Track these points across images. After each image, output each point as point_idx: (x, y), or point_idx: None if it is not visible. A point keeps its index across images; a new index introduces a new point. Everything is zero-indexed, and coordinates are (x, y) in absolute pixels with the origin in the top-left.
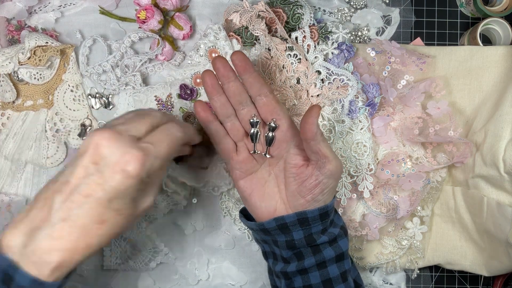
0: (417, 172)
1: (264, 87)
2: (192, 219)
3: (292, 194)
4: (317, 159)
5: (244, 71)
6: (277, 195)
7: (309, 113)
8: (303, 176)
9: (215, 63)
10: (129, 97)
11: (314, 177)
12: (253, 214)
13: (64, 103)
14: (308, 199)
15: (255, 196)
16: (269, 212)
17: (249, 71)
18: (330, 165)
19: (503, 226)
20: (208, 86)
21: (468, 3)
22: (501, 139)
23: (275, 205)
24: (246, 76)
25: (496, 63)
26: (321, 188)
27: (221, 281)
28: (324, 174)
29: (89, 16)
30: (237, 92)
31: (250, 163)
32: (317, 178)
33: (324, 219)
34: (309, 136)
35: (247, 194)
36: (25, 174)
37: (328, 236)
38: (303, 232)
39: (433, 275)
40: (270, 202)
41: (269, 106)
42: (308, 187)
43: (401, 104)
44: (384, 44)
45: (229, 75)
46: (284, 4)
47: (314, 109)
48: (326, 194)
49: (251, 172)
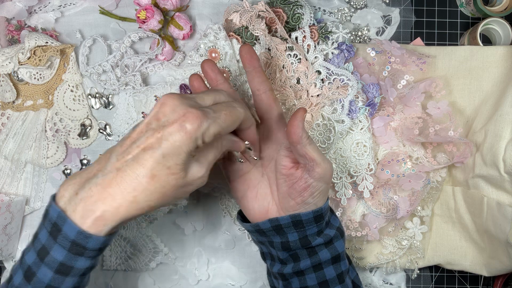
0: (417, 172)
1: (264, 84)
2: (192, 219)
3: (283, 196)
4: (305, 162)
5: (249, 64)
6: (269, 196)
7: (294, 116)
8: (293, 179)
9: (203, 66)
10: (129, 97)
11: (304, 180)
12: (246, 214)
13: (64, 103)
14: (298, 201)
15: (248, 196)
16: (261, 213)
17: (254, 65)
18: (319, 168)
19: (503, 226)
20: (195, 89)
21: (468, 3)
22: (501, 139)
23: (267, 206)
24: (250, 69)
25: (496, 63)
26: (311, 191)
27: (221, 281)
28: (313, 177)
29: (89, 16)
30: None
31: (242, 163)
32: (307, 181)
33: (318, 221)
34: (294, 140)
35: (241, 194)
36: (25, 174)
37: (323, 238)
38: (298, 234)
39: (433, 275)
40: (262, 202)
41: (265, 104)
42: (297, 189)
43: (401, 104)
44: (384, 44)
45: (217, 78)
46: (284, 4)
47: (299, 112)
48: (317, 197)
49: (244, 173)
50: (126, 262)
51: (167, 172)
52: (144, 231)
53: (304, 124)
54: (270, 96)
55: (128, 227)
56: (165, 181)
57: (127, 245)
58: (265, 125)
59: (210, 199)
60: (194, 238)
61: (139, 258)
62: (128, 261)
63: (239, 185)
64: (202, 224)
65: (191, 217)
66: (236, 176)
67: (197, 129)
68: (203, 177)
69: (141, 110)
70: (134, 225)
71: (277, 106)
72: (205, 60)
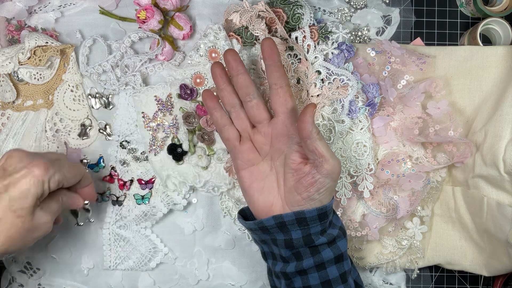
0: (417, 172)
1: (282, 79)
2: (192, 219)
3: (289, 190)
4: (314, 158)
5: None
6: (275, 190)
7: (304, 111)
8: (301, 173)
9: (226, 55)
10: (129, 97)
11: (311, 175)
12: (250, 206)
13: (64, 103)
14: (304, 196)
15: (254, 188)
16: (265, 207)
17: (274, 59)
18: (327, 165)
19: (503, 226)
20: (217, 76)
21: (468, 3)
22: (501, 139)
23: (272, 200)
24: (270, 63)
25: (496, 63)
26: (317, 187)
27: (221, 281)
28: (321, 173)
29: (89, 16)
30: (245, 84)
31: (252, 154)
32: (314, 176)
33: (322, 219)
34: (304, 135)
35: (247, 185)
36: None
37: (327, 237)
38: (302, 232)
39: (433, 275)
40: (268, 196)
41: (281, 98)
42: (304, 184)
43: (401, 104)
44: (384, 44)
45: (238, 68)
46: (284, 4)
47: (309, 107)
48: (323, 194)
49: (253, 164)
50: (126, 262)
51: (13, 215)
52: (144, 231)
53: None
54: (287, 91)
55: (128, 227)
56: (11, 223)
57: (127, 245)
58: (279, 119)
59: (210, 199)
60: (194, 238)
61: (139, 258)
62: (128, 261)
63: (246, 175)
64: (202, 224)
65: (191, 217)
66: (243, 165)
67: (44, 173)
68: (48, 223)
69: (141, 110)
70: (134, 225)
71: (292, 101)
72: (229, 49)
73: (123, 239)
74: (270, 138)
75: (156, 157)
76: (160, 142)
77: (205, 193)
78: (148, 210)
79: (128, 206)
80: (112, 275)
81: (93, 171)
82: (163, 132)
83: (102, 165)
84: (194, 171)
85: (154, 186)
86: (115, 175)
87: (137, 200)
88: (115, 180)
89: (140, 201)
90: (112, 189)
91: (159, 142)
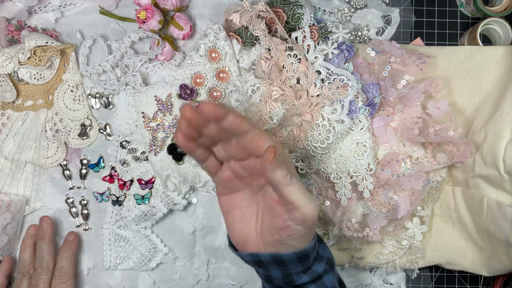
0: (417, 172)
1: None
2: (192, 219)
3: (263, 228)
4: (285, 203)
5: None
6: (253, 222)
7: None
8: (274, 214)
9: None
10: (129, 97)
11: (283, 219)
12: (227, 231)
13: (64, 103)
14: (276, 239)
15: (232, 215)
16: (241, 238)
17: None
18: (298, 213)
19: (503, 226)
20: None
21: (468, 3)
22: (501, 139)
23: (248, 233)
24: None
25: (496, 63)
26: (289, 233)
27: (221, 281)
28: (292, 220)
29: (89, 16)
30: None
31: (233, 182)
32: (285, 221)
33: (303, 261)
34: (271, 183)
35: (225, 211)
36: (25, 174)
37: (310, 275)
38: (281, 272)
39: (433, 275)
40: (245, 227)
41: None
42: (276, 227)
43: (401, 104)
44: (384, 44)
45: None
46: (284, 4)
47: (267, 152)
48: (296, 240)
49: (234, 192)
50: (126, 262)
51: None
52: (144, 231)
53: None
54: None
55: (128, 227)
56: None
57: (127, 245)
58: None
59: (210, 199)
60: (194, 238)
61: (139, 258)
62: (128, 261)
63: (225, 202)
64: (202, 224)
65: (191, 217)
66: (224, 192)
67: None
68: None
69: (141, 110)
70: (134, 225)
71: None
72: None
73: (123, 239)
74: (250, 172)
75: (156, 157)
76: (160, 142)
77: (205, 193)
78: (148, 210)
79: (128, 206)
80: (112, 275)
81: (93, 171)
82: (163, 132)
83: (102, 165)
84: (194, 171)
85: (154, 186)
86: (115, 175)
87: (137, 200)
88: (115, 180)
89: (140, 201)
90: (112, 189)
91: (159, 142)
